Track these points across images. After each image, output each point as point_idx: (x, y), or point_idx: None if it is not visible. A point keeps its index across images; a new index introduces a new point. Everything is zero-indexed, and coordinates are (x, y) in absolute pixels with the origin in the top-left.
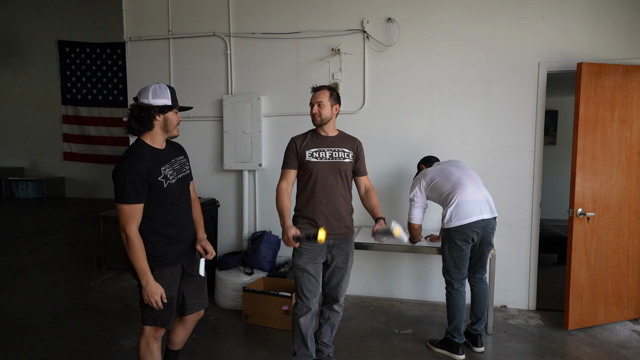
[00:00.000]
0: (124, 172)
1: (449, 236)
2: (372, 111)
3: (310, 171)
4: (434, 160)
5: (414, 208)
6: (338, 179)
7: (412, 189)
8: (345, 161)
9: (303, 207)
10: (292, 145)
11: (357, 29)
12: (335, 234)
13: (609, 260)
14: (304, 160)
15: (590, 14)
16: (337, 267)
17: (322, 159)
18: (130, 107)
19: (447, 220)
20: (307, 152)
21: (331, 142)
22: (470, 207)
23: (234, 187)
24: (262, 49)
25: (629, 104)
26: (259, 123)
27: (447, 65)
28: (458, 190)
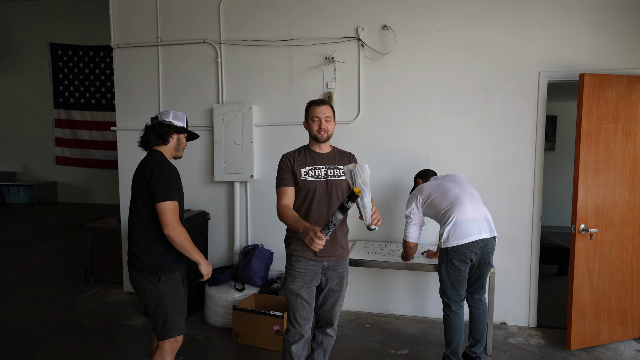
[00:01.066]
0: (169, 172)
1: (446, 256)
2: (367, 121)
3: (305, 191)
4: (431, 174)
5: (410, 225)
6: (334, 198)
7: (408, 205)
8: (341, 179)
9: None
10: (286, 162)
11: (351, 36)
12: (330, 255)
13: (613, 277)
14: (298, 179)
15: (592, 22)
16: (332, 290)
17: (317, 177)
18: (149, 124)
19: (444, 239)
20: (302, 171)
21: (326, 159)
22: (469, 226)
23: (224, 199)
24: (254, 57)
25: (632, 115)
26: (251, 133)
27: (445, 74)
28: (456, 208)
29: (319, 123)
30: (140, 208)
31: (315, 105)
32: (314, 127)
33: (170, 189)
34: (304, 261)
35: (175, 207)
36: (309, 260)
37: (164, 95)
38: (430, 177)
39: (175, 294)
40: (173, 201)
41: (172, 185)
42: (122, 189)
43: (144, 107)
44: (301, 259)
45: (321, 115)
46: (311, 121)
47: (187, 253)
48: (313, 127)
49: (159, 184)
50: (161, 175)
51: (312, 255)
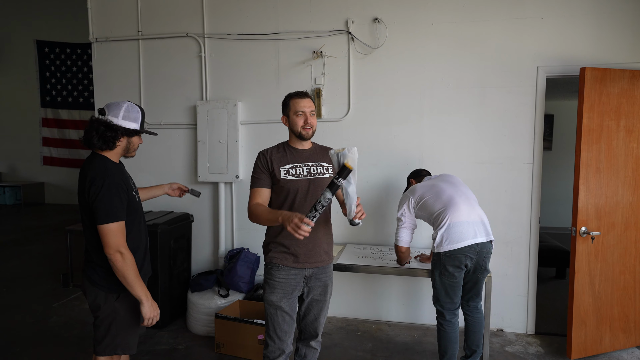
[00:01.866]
0: (109, 186)
1: (439, 261)
2: (357, 118)
3: (286, 191)
4: (424, 174)
5: (401, 229)
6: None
7: (399, 206)
8: (324, 177)
9: (276, 232)
10: (263, 160)
11: (341, 29)
12: (313, 262)
13: (615, 282)
14: (278, 179)
15: (592, 14)
16: (315, 301)
17: (299, 176)
18: (94, 120)
19: (437, 243)
20: (282, 169)
21: (308, 156)
22: (464, 229)
23: (209, 201)
24: (239, 52)
25: (635, 112)
26: (236, 131)
27: (439, 69)
28: (450, 210)
29: (305, 118)
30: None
31: (298, 97)
32: (299, 122)
33: (111, 208)
34: (285, 270)
35: (120, 228)
36: (290, 268)
37: (145, 92)
38: (423, 177)
39: (132, 313)
40: (116, 222)
41: (115, 202)
42: None
43: None
44: (281, 268)
45: (306, 109)
46: (294, 115)
47: (128, 285)
48: (297, 122)
49: (97, 202)
50: (100, 191)
51: (294, 263)
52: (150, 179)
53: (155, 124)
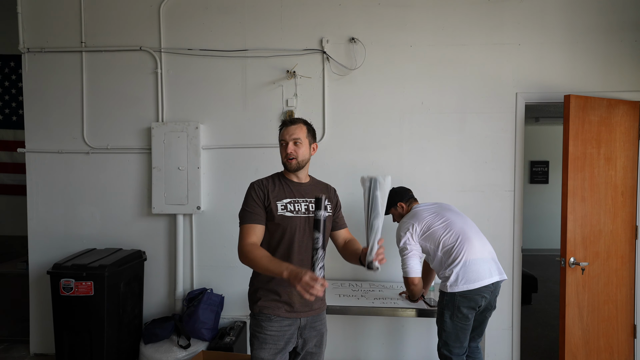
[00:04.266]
0: None
1: (452, 302)
2: (332, 144)
3: (283, 229)
4: (409, 195)
5: (409, 258)
6: None
7: (400, 234)
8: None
9: (268, 277)
10: (258, 192)
11: (315, 49)
12: (309, 310)
13: (600, 313)
14: (273, 215)
15: (567, 43)
16: (310, 354)
17: (297, 212)
18: None
19: (451, 282)
20: (278, 204)
21: (306, 191)
22: (480, 267)
23: (165, 236)
24: (202, 69)
25: (612, 140)
26: (197, 157)
27: (418, 93)
28: (465, 245)
29: (286, 147)
30: None
31: (284, 125)
32: (282, 153)
33: None
34: (277, 321)
35: None
36: (282, 319)
37: (89, 111)
38: (409, 199)
39: None
40: None
41: None
42: (32, 223)
43: (62, 125)
44: (273, 319)
45: (288, 137)
46: (280, 146)
47: None
48: (282, 153)
49: None
50: None
51: (287, 312)
52: (94, 211)
53: (101, 148)
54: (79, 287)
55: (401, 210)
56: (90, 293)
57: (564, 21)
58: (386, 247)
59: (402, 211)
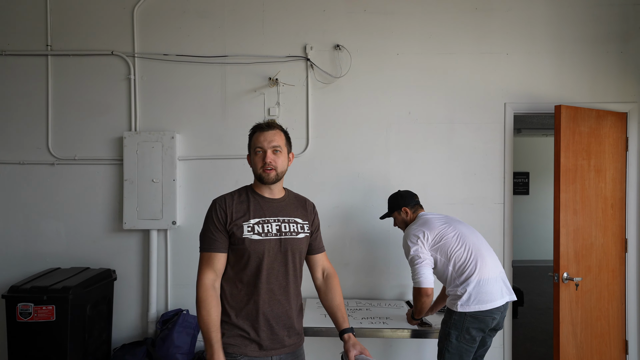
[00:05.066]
0: None
1: (461, 323)
2: (317, 155)
3: (249, 255)
4: (415, 201)
5: (422, 267)
6: (289, 265)
7: (409, 243)
8: (299, 237)
9: (233, 309)
10: (219, 213)
11: (298, 55)
12: (282, 346)
13: (593, 329)
14: (238, 237)
15: (554, 53)
16: None
17: (267, 235)
18: None
19: (463, 301)
20: (244, 226)
21: (279, 207)
22: (493, 288)
23: (137, 253)
24: (178, 75)
25: (602, 151)
26: (173, 168)
27: (405, 102)
28: (479, 262)
29: (264, 156)
30: None
31: (260, 130)
32: (258, 162)
33: None
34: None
35: None
36: (251, 359)
37: (55, 119)
38: (417, 205)
39: None
40: None
41: None
42: None
43: (24, 134)
44: (239, 359)
45: (266, 145)
46: (253, 154)
47: None
48: (256, 162)
49: None
50: None
51: (256, 351)
52: (59, 227)
53: (68, 159)
54: (39, 312)
55: (404, 216)
56: (51, 318)
57: (551, 31)
58: (379, 258)
59: (405, 217)
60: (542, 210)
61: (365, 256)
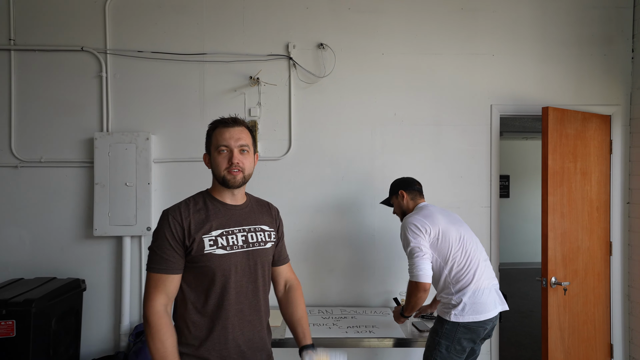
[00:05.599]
0: None
1: (453, 333)
2: (300, 157)
3: (213, 273)
4: (416, 187)
5: (422, 260)
6: (259, 280)
7: (409, 235)
8: (267, 247)
9: (197, 338)
10: (172, 228)
11: (281, 54)
12: None
13: (580, 334)
14: (199, 255)
15: (539, 55)
16: None
17: (233, 247)
18: None
19: (458, 311)
20: (206, 240)
21: (242, 215)
22: (487, 298)
23: (108, 261)
24: (153, 74)
25: (587, 154)
26: (148, 171)
27: (391, 103)
28: (477, 270)
29: (229, 156)
30: None
31: (223, 126)
32: (222, 163)
33: None
34: None
35: None
36: None
37: (19, 119)
38: (417, 191)
39: None
40: None
41: None
42: None
43: None
44: None
45: (233, 143)
46: (216, 153)
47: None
48: (220, 162)
49: None
50: None
51: None
52: (23, 234)
53: (33, 161)
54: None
55: (401, 200)
56: (11, 334)
57: (536, 33)
58: (364, 264)
59: (402, 201)
60: (523, 213)
61: (350, 262)
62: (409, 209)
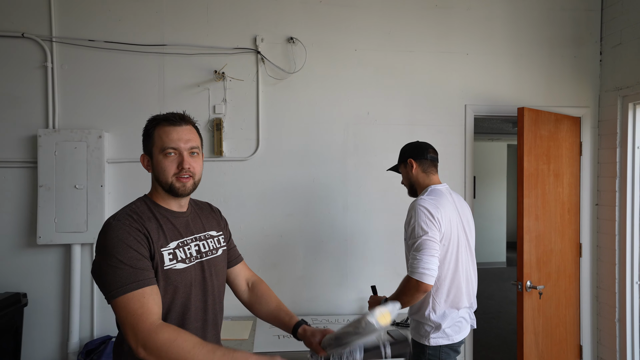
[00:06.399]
0: None
1: (434, 357)
2: (268, 158)
3: (174, 290)
4: (431, 156)
5: (430, 257)
6: (216, 291)
7: (420, 220)
8: (219, 255)
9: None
10: (136, 235)
11: (248, 48)
12: None
13: (553, 337)
14: (160, 270)
15: (513, 55)
16: None
17: (190, 260)
18: None
19: (438, 335)
20: (165, 252)
21: (189, 222)
22: (465, 315)
23: (55, 272)
24: (107, 65)
25: (560, 156)
26: (101, 172)
27: (364, 102)
28: (467, 287)
29: (179, 160)
30: None
31: (169, 124)
32: (169, 167)
33: None
34: None
35: None
36: None
37: None
38: (430, 161)
39: None
40: None
41: None
42: None
43: None
44: None
45: (182, 145)
46: (161, 156)
47: None
48: (166, 167)
49: None
50: None
51: None
52: None
53: None
54: None
55: (410, 171)
56: None
57: (509, 32)
58: (336, 270)
59: (410, 172)
60: (488, 214)
61: (322, 268)
62: (418, 182)
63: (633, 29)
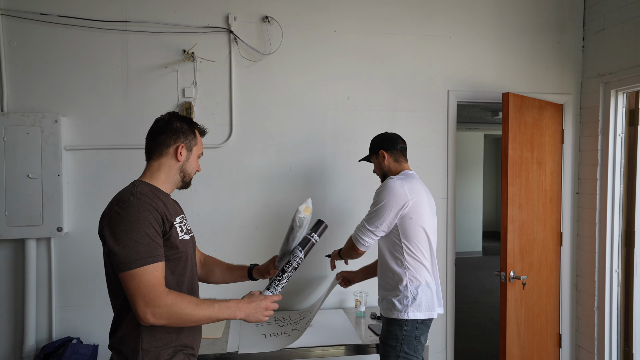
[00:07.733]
0: None
1: (414, 332)
2: (242, 145)
3: (185, 258)
4: (401, 147)
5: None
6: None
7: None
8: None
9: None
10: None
11: (219, 27)
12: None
13: (534, 326)
14: (175, 242)
15: (496, 40)
16: None
17: (189, 233)
18: None
19: (416, 306)
20: (176, 226)
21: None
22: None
23: (6, 269)
24: (63, 43)
25: (543, 143)
26: (58, 160)
27: (343, 86)
28: (434, 263)
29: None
30: None
31: (201, 136)
32: (196, 167)
33: None
34: None
35: None
36: None
37: None
38: (399, 151)
39: None
40: None
41: None
42: None
43: None
44: None
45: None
46: (196, 157)
47: None
48: (195, 167)
49: None
50: None
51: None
52: None
53: None
54: None
55: (382, 161)
56: None
57: (493, 17)
58: (315, 263)
59: (382, 162)
60: (465, 203)
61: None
62: (391, 171)
63: (617, 14)
